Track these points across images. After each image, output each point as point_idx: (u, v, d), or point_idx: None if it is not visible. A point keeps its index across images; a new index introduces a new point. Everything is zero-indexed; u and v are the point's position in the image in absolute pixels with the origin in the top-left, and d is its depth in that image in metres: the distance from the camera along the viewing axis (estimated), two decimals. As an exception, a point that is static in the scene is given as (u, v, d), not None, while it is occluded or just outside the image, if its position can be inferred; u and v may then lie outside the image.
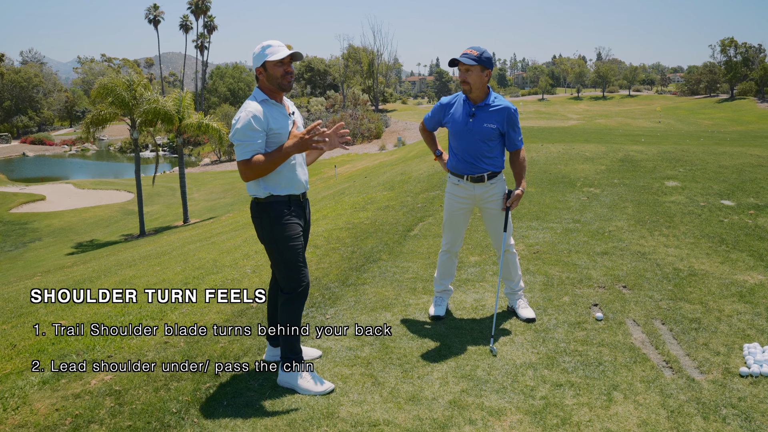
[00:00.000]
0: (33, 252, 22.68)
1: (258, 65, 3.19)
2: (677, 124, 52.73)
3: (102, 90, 22.20)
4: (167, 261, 8.30)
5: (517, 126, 3.92)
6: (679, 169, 10.05)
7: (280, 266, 3.25)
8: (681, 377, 3.21)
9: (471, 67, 3.73)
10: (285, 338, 3.29)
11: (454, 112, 3.94)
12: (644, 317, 4.03)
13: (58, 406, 3.22)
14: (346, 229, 7.16)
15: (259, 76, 3.21)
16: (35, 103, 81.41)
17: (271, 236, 3.21)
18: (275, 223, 3.19)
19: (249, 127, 3.06)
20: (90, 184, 38.64)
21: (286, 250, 3.21)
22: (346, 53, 76.42)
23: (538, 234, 6.27)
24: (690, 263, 5.13)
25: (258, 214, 3.25)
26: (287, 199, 3.23)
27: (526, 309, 4.10)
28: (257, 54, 3.18)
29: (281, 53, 3.15)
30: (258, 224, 3.27)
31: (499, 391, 3.13)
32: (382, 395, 3.14)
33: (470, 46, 3.81)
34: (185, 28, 78.17)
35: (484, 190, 3.96)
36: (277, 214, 3.19)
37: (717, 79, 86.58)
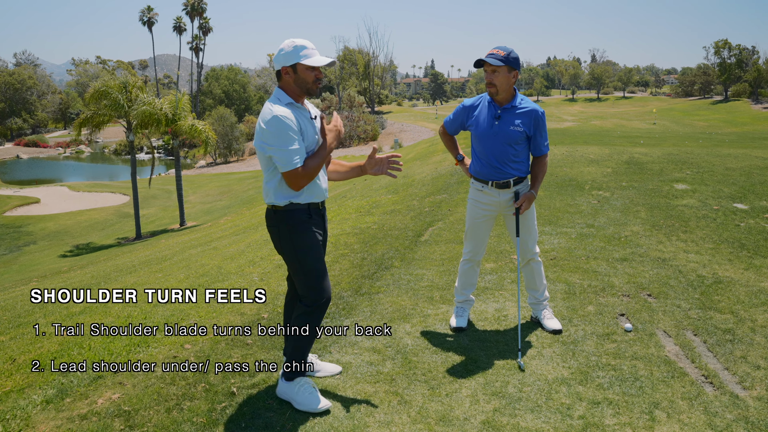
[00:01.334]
0: (28, 256, 22.37)
1: (287, 64, 2.93)
2: (673, 126, 52.78)
3: (96, 94, 21.93)
4: (169, 267, 8.10)
5: (544, 130, 3.76)
6: (686, 171, 9.92)
7: (300, 277, 3.05)
8: (724, 394, 3.05)
9: (498, 68, 3.56)
10: (295, 343, 3.07)
11: (479, 115, 3.76)
12: (675, 328, 3.86)
13: (64, 429, 3.02)
14: (353, 234, 6.99)
15: (284, 75, 2.97)
16: (29, 105, 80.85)
17: (292, 246, 3.01)
18: (295, 232, 3.00)
19: (291, 130, 2.84)
20: (85, 186, 38.30)
21: (307, 259, 3.02)
22: (341, 55, 76.20)
23: (553, 239, 6.11)
24: (713, 270, 4.97)
25: (276, 222, 3.05)
26: (307, 207, 3.04)
27: (552, 320, 3.93)
28: (288, 52, 2.92)
29: (319, 59, 2.93)
30: (276, 233, 3.07)
31: (534, 410, 2.96)
32: (410, 415, 2.96)
33: (496, 46, 3.64)
34: (179, 29, 77.67)
35: (510, 196, 3.79)
36: (297, 222, 3.00)
37: (711, 80, 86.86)
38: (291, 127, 2.84)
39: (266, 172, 3.03)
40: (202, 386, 3.35)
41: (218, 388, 3.31)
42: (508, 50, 3.59)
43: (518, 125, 3.65)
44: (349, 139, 50.31)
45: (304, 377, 3.11)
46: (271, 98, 3.00)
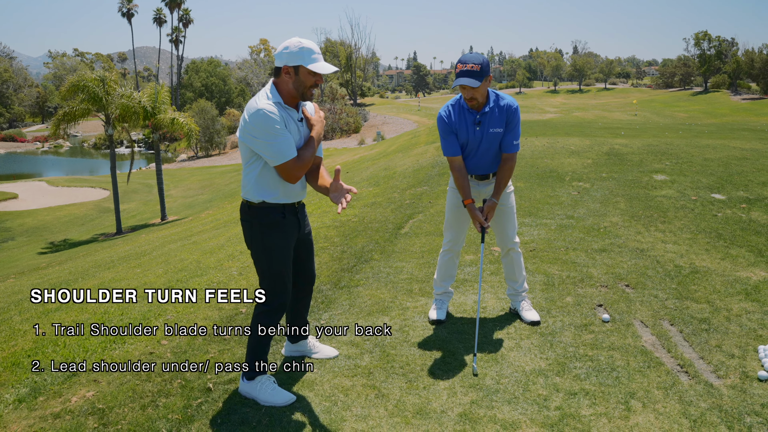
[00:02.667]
0: (6, 252, 21.99)
1: (290, 64, 2.82)
2: (654, 117, 53.30)
3: (73, 88, 21.53)
4: (147, 262, 8.00)
5: (516, 127, 3.61)
6: (665, 162, 10.02)
7: (265, 276, 3.02)
8: (699, 383, 3.08)
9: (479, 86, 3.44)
10: (254, 342, 3.07)
11: (458, 123, 3.61)
12: (652, 318, 3.89)
13: (37, 428, 2.97)
14: (333, 227, 6.95)
15: (284, 75, 2.85)
16: (5, 99, 79.28)
17: (261, 244, 2.96)
18: (266, 231, 2.95)
19: (276, 123, 2.76)
20: (64, 181, 37.70)
21: (274, 259, 2.98)
22: (323, 47, 75.76)
23: (533, 230, 6.13)
24: (691, 260, 5.02)
25: (248, 217, 2.99)
26: (282, 207, 2.98)
27: (530, 311, 3.93)
28: (294, 53, 2.80)
29: (324, 66, 2.84)
30: (248, 228, 3.01)
31: (511, 402, 2.96)
32: (387, 409, 2.95)
33: (467, 58, 3.42)
34: (159, 21, 76.72)
35: (489, 187, 3.78)
36: (269, 221, 2.95)
37: (691, 72, 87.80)
38: (276, 120, 2.77)
39: (246, 165, 2.97)
40: (178, 383, 3.31)
41: (194, 385, 3.27)
42: (479, 60, 3.42)
43: (497, 126, 3.58)
44: (331, 131, 50.10)
45: (264, 375, 3.09)
46: (260, 92, 2.90)
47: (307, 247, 3.25)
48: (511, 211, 3.82)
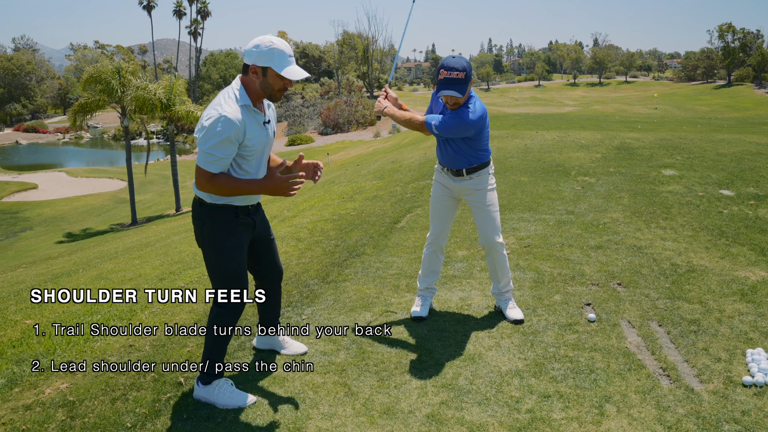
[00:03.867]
0: (24, 242, 22.37)
1: (258, 64, 2.70)
2: (674, 111, 52.40)
3: (90, 79, 21.79)
4: (148, 254, 8.03)
5: (450, 121, 3.47)
6: (676, 157, 9.79)
7: (216, 277, 2.91)
8: (679, 387, 2.97)
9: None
10: (210, 345, 2.98)
11: (436, 105, 3.68)
12: (640, 318, 3.78)
13: (6, 420, 2.97)
14: (331, 221, 6.90)
15: (251, 74, 2.73)
16: (28, 91, 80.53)
17: (213, 244, 2.85)
18: (218, 231, 2.84)
19: (225, 138, 2.61)
20: (83, 172, 38.22)
21: (227, 260, 2.87)
22: (340, 39, 75.60)
23: (530, 226, 6.01)
24: (688, 258, 4.88)
25: (200, 215, 2.87)
26: (234, 207, 2.87)
27: (513, 309, 3.84)
28: (262, 51, 2.68)
29: (293, 71, 2.71)
30: (198, 227, 2.90)
31: (481, 403, 2.89)
32: (354, 407, 2.89)
33: (451, 64, 3.36)
34: (179, 14, 77.20)
35: (463, 183, 3.69)
36: (221, 221, 2.84)
37: (714, 65, 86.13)
38: (229, 134, 2.62)
39: None
40: (151, 376, 3.29)
41: (166, 379, 3.25)
42: (462, 65, 3.35)
43: None
44: (347, 124, 50.05)
45: (221, 378, 3.03)
46: (227, 90, 2.77)
47: (267, 245, 3.17)
48: (491, 210, 3.71)
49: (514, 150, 11.17)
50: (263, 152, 2.90)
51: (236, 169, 2.82)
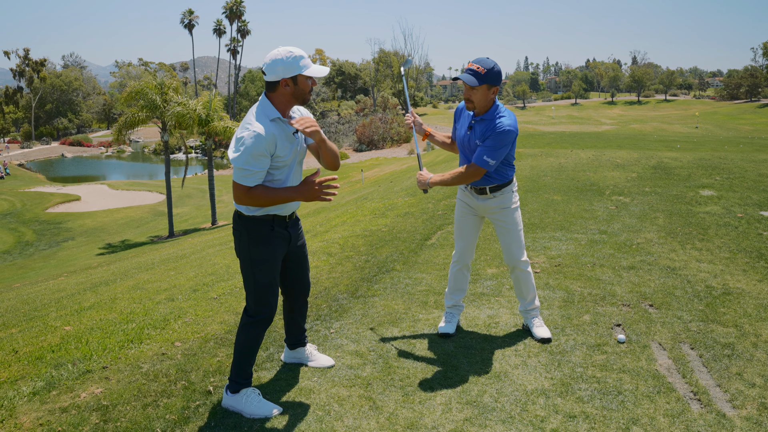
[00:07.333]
0: (66, 251, 23.11)
1: (287, 76, 2.80)
2: (716, 130, 51.17)
3: (133, 93, 22.53)
4: (183, 265, 8.22)
5: (493, 144, 3.43)
6: (715, 177, 9.57)
7: (250, 287, 3.05)
8: (710, 412, 2.90)
9: (476, 87, 3.43)
10: (237, 362, 3.09)
11: (461, 120, 3.71)
12: (671, 341, 3.71)
13: (43, 421, 3.08)
14: (362, 237, 6.96)
15: (283, 87, 2.83)
16: (75, 106, 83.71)
17: (248, 255, 3.00)
18: (254, 243, 2.99)
19: (258, 153, 2.74)
20: (124, 185, 39.39)
21: (261, 272, 3.01)
22: (377, 57, 76.41)
23: (561, 245, 5.96)
24: (724, 280, 4.77)
25: (239, 227, 3.03)
26: (271, 218, 3.01)
27: (541, 328, 3.81)
28: (288, 63, 2.78)
29: (318, 69, 2.86)
30: (237, 238, 3.06)
31: (505, 421, 2.87)
32: (378, 421, 2.91)
33: (477, 60, 3.42)
34: (219, 32, 79.20)
35: (486, 202, 3.70)
36: (258, 233, 2.99)
37: (758, 83, 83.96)
38: (261, 149, 2.75)
39: None
40: (182, 384, 3.38)
41: (196, 387, 3.33)
42: (489, 65, 3.39)
43: (480, 139, 3.51)
44: (382, 140, 50.36)
45: (249, 388, 3.11)
46: (256, 109, 2.88)
47: (299, 259, 3.26)
48: (514, 229, 3.70)
49: (548, 168, 11.09)
50: (294, 161, 3.01)
51: (271, 180, 2.95)
